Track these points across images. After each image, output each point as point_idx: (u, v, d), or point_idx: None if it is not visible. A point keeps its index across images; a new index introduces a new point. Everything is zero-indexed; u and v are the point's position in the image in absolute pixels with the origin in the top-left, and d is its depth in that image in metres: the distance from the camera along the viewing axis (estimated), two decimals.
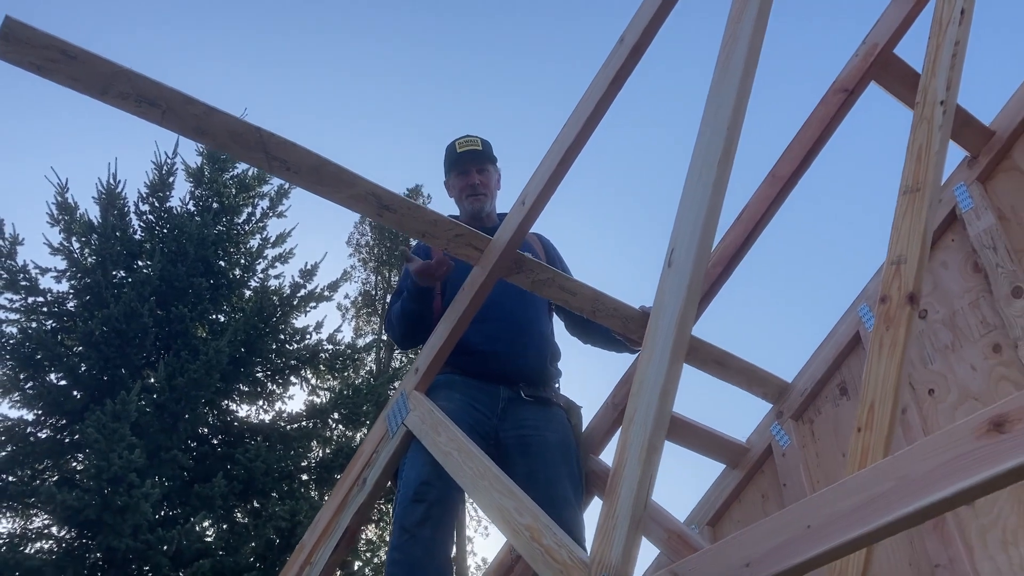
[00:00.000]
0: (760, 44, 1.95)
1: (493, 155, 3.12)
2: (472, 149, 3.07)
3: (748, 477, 3.16)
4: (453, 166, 3.08)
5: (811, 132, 2.71)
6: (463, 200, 3.03)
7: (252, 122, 2.13)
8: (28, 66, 1.89)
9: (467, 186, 3.03)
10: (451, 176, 3.08)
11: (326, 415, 11.84)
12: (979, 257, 2.68)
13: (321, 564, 2.55)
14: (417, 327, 2.76)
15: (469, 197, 3.02)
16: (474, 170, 3.04)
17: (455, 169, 3.06)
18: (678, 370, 1.75)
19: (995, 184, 2.78)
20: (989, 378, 2.55)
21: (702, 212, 1.81)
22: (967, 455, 1.20)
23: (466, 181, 3.03)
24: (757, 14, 1.95)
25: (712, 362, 2.97)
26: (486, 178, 3.05)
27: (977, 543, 2.40)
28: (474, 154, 3.06)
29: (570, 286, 2.63)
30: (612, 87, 2.31)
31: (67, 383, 9.98)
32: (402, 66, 27.66)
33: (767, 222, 2.80)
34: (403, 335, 2.81)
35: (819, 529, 1.31)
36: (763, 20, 1.97)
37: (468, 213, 3.01)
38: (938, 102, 2.24)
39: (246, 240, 12.66)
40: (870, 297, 2.95)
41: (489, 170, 3.07)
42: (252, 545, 9.53)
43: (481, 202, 3.02)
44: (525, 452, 2.62)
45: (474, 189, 3.02)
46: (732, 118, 1.87)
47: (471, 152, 3.06)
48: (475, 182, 3.03)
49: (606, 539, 1.65)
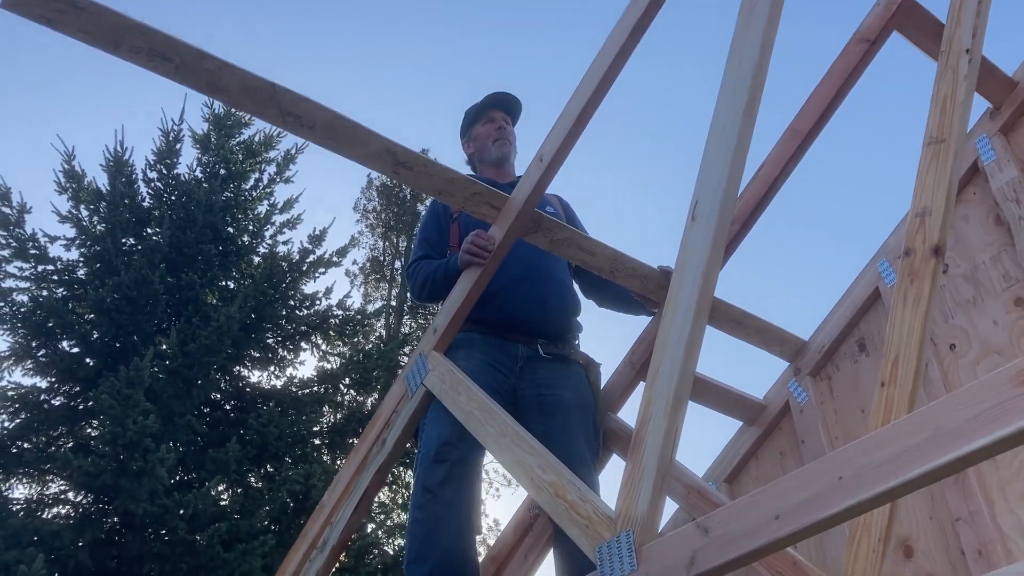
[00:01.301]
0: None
1: (518, 114, 3.17)
2: (503, 95, 3.11)
3: (766, 434, 3.16)
4: (481, 111, 3.10)
5: (831, 84, 2.66)
6: (490, 146, 3.05)
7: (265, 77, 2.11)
8: (37, 18, 1.86)
9: (495, 129, 3.06)
10: (477, 124, 3.10)
11: (337, 380, 11.87)
12: (1001, 210, 2.65)
13: (342, 524, 2.56)
14: (442, 293, 2.74)
15: (497, 141, 3.04)
16: (499, 115, 3.08)
17: (483, 115, 3.10)
18: (703, 324, 1.74)
19: (1018, 136, 2.74)
20: (1011, 332, 2.53)
21: (727, 163, 1.78)
22: (1002, 405, 1.18)
23: (493, 126, 3.07)
24: None
25: (730, 321, 2.96)
26: (511, 128, 3.10)
27: (998, 497, 2.40)
28: (505, 99, 3.11)
29: (589, 245, 2.61)
30: (630, 40, 2.27)
31: (80, 350, 10.00)
32: (410, 16, 27.16)
33: (785, 178, 2.77)
34: (429, 295, 2.80)
35: (851, 480, 1.30)
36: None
37: (494, 159, 3.02)
38: (963, 51, 2.20)
39: (254, 206, 12.60)
40: (890, 253, 2.92)
41: (512, 125, 3.11)
42: (267, 509, 9.61)
43: (507, 147, 3.04)
44: (542, 410, 2.62)
45: (502, 132, 3.04)
46: (756, 67, 1.84)
47: (503, 96, 3.11)
48: (502, 125, 3.07)
49: (631, 493, 1.65)
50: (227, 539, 8.63)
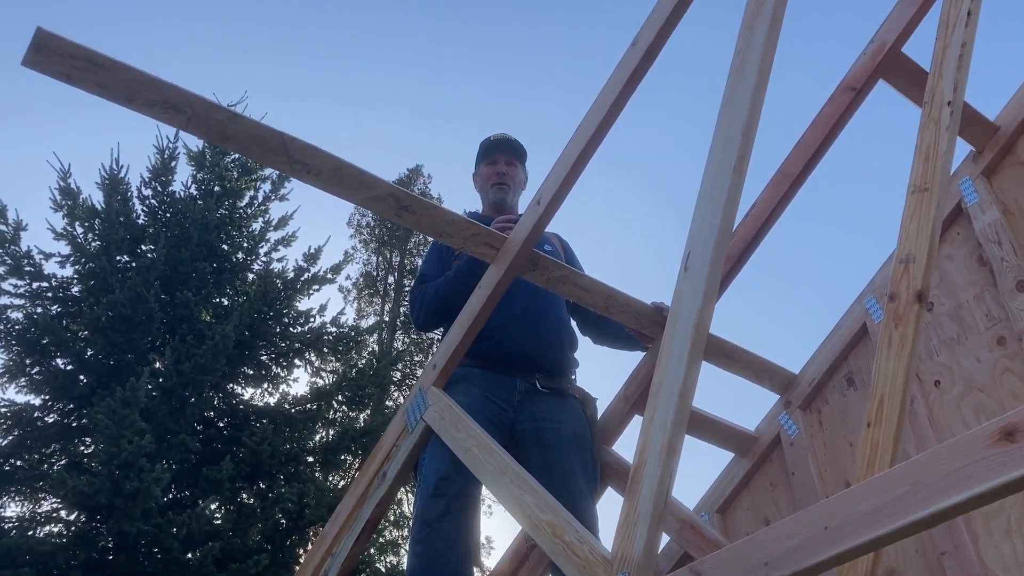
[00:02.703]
0: (773, 51, 1.99)
1: (523, 154, 3.25)
2: (504, 139, 3.21)
3: (757, 466, 3.23)
4: (484, 155, 3.20)
5: (819, 130, 2.75)
6: (488, 189, 3.14)
7: (274, 126, 2.18)
8: (58, 75, 1.93)
9: (494, 174, 3.15)
10: (480, 166, 3.20)
11: (330, 397, 11.90)
12: (984, 251, 2.74)
13: (343, 555, 2.62)
14: (452, 307, 2.71)
15: (495, 185, 3.13)
16: (502, 159, 3.17)
17: (486, 158, 3.20)
18: (696, 372, 1.81)
19: (1000, 179, 2.83)
20: (994, 370, 2.61)
21: (717, 218, 1.86)
22: (978, 463, 1.26)
23: (493, 169, 3.16)
24: (771, 21, 1.99)
25: (721, 355, 3.03)
26: (513, 171, 3.18)
27: (982, 531, 2.47)
28: (506, 144, 3.20)
29: (584, 283, 2.68)
30: (625, 90, 2.35)
31: (74, 368, 10.02)
32: (406, 48, 27.52)
33: (775, 219, 2.85)
34: (437, 310, 2.84)
35: (836, 531, 1.37)
36: (776, 27, 2.01)
37: (492, 202, 3.11)
38: (945, 103, 2.28)
39: (248, 224, 12.67)
40: (876, 289, 3.00)
41: (516, 165, 3.21)
42: (260, 527, 9.63)
43: (504, 192, 3.13)
44: (540, 444, 2.69)
45: (500, 177, 3.13)
46: (746, 124, 1.92)
47: (504, 141, 3.21)
48: (502, 170, 3.15)
49: (628, 536, 1.71)
50: (220, 558, 8.65)
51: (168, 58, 23.48)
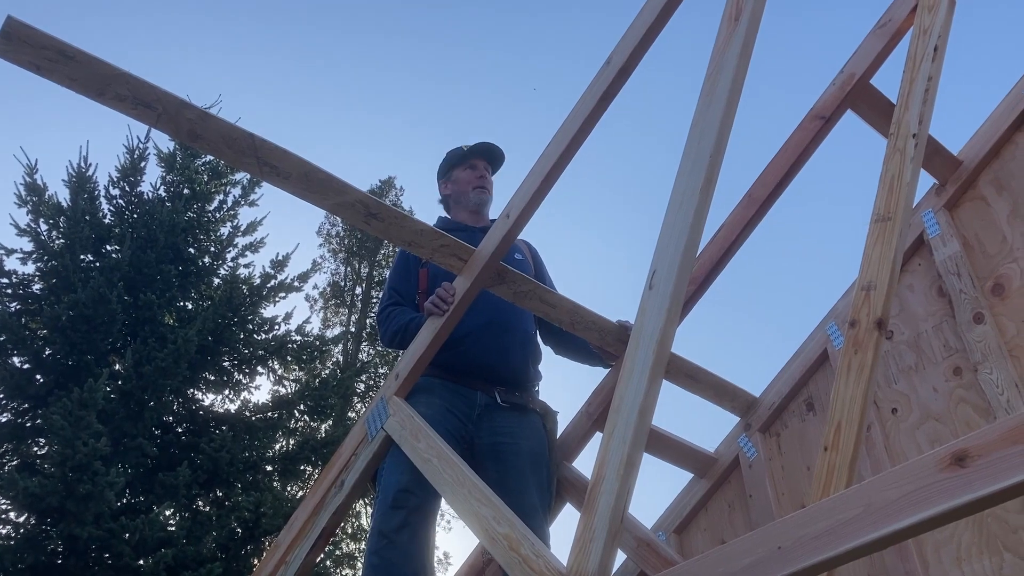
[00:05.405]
0: (744, 76, 2.02)
1: (500, 164, 3.27)
2: (489, 145, 3.22)
3: (715, 487, 3.25)
4: (461, 160, 3.20)
5: (787, 157, 2.79)
6: (469, 192, 3.13)
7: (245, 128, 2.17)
8: (27, 65, 1.91)
9: (475, 178, 3.16)
10: (457, 170, 3.19)
11: (292, 406, 11.78)
12: (944, 282, 2.78)
13: (297, 563, 2.59)
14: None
15: (476, 188, 3.13)
16: (482, 165, 3.19)
17: (465, 161, 3.19)
18: (657, 389, 1.82)
19: (961, 212, 2.88)
20: (949, 400, 2.65)
21: (683, 238, 1.87)
22: (929, 487, 1.27)
23: (474, 174, 3.17)
24: (742, 47, 2.02)
25: (684, 375, 3.05)
26: (491, 177, 3.21)
27: (932, 558, 2.50)
28: (489, 149, 3.22)
29: (550, 298, 2.69)
30: (598, 107, 2.37)
31: (31, 367, 9.83)
32: (384, 58, 27.56)
33: (742, 242, 2.88)
34: (400, 344, 2.85)
35: (789, 550, 1.39)
36: (747, 52, 2.04)
37: (472, 204, 3.13)
38: (911, 135, 2.33)
39: (216, 228, 12.54)
40: (838, 315, 3.04)
41: (491, 174, 3.24)
42: (215, 535, 9.48)
43: (485, 196, 3.16)
44: (497, 459, 2.68)
45: (481, 181, 3.15)
46: (715, 147, 1.94)
47: (488, 146, 3.22)
48: (483, 174, 3.18)
49: (583, 551, 1.71)
50: (173, 565, 8.51)
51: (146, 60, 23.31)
